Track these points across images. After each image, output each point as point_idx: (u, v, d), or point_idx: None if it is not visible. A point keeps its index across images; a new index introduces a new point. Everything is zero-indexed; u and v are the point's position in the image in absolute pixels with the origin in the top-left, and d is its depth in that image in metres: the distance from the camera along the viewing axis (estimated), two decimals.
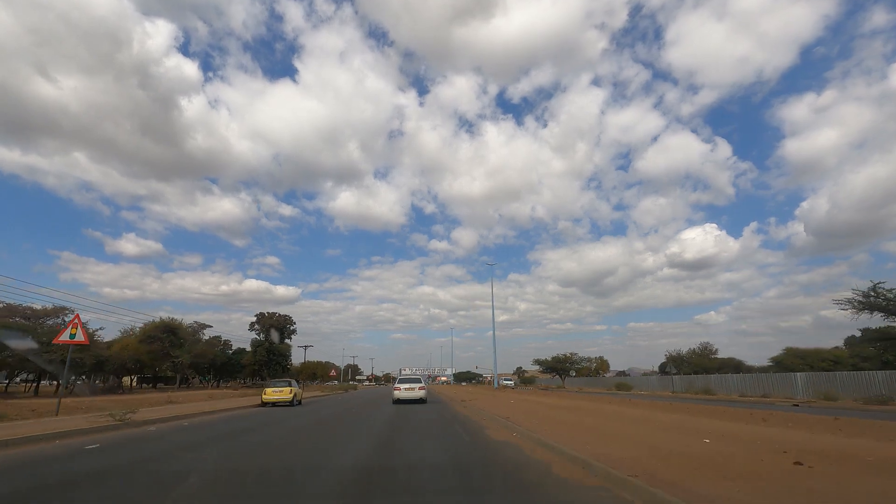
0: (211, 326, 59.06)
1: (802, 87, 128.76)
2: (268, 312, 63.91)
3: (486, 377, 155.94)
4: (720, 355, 74.71)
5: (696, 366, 69.57)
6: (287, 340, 65.05)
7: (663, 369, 74.90)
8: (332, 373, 61.55)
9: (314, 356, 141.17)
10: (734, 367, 68.58)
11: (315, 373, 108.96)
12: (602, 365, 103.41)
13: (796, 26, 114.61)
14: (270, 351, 62.27)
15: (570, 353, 67.59)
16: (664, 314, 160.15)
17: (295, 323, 65.04)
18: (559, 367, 68.28)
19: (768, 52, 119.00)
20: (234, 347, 74.87)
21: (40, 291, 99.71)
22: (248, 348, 64.19)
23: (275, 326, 62.70)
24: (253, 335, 63.80)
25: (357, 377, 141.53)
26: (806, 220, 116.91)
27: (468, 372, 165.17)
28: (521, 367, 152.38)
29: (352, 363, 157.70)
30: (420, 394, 23.72)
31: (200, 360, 55.62)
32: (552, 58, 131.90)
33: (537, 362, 69.97)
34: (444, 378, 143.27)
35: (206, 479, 6.13)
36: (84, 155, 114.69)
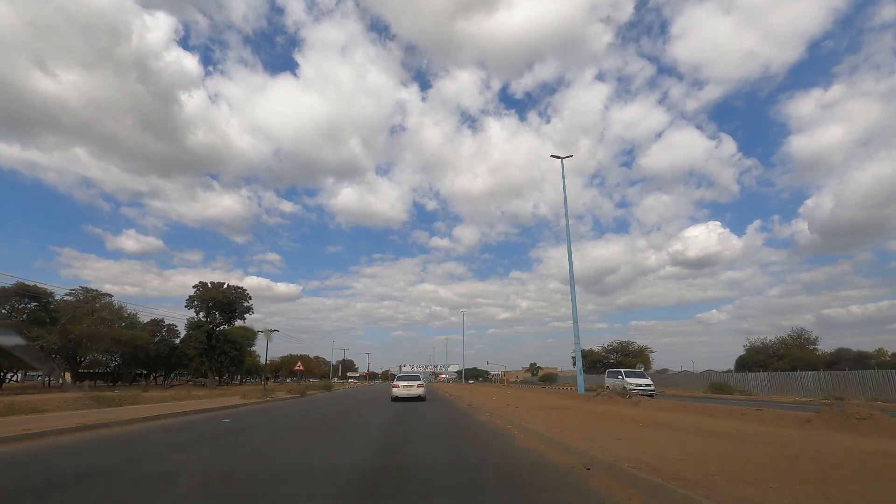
0: (111, 296, 41.16)
1: (809, 82, 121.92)
2: (211, 283, 45.99)
3: (494, 375, 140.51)
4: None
5: (794, 359, 51.90)
6: (240, 321, 47.10)
7: (742, 363, 57.11)
8: (299, 366, 43.59)
9: (307, 351, 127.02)
10: (853, 360, 51.17)
11: (309, 370, 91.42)
12: (644, 359, 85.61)
13: (804, 20, 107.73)
14: (213, 336, 44.41)
15: (627, 342, 49.95)
16: (666, 312, 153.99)
17: (251, 299, 47.13)
18: (613, 360, 50.46)
19: (775, 46, 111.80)
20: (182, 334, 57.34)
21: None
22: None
23: (219, 302, 44.71)
24: (191, 314, 45.83)
25: (349, 374, 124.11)
26: (810, 217, 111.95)
27: (475, 368, 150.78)
28: (535, 364, 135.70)
29: (345, 359, 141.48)
30: (419, 391, 22.57)
31: (95, 344, 37.75)
32: (556, 52, 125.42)
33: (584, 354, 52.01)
34: (444, 375, 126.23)
35: None
36: (84, 151, 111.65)
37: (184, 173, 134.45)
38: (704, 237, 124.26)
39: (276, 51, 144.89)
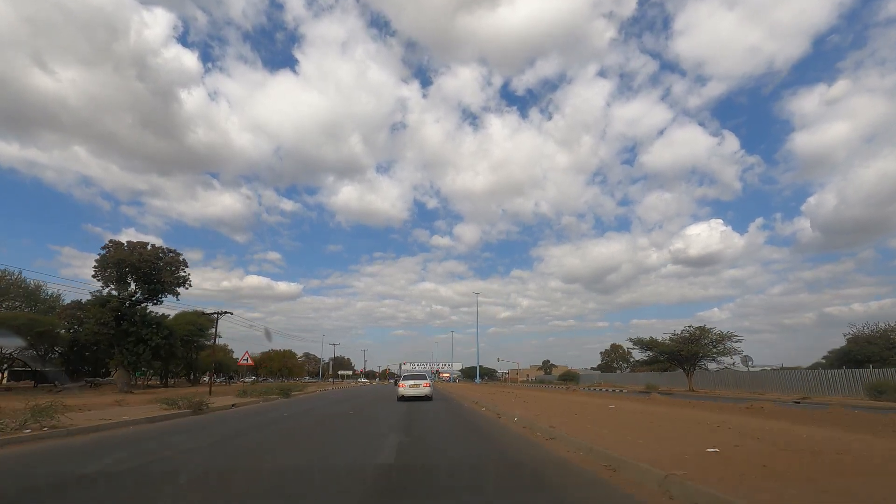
0: None
1: (814, 78, 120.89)
2: (128, 242, 32.36)
3: (503, 374, 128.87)
4: None
5: None
6: (170, 298, 33.56)
7: (846, 357, 43.56)
8: (246, 359, 30.12)
9: (307, 349, 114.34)
10: None
11: (287, 367, 76.90)
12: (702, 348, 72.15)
13: (810, 14, 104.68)
14: (124, 316, 30.87)
15: (705, 327, 36.82)
16: (666, 311, 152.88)
17: (187, 266, 33.55)
18: (686, 353, 37.16)
19: (780, 41, 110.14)
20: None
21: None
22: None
23: (136, 269, 31.11)
24: (99, 286, 32.22)
25: (341, 372, 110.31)
26: (812, 215, 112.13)
27: (481, 367, 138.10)
28: (548, 361, 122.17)
29: (336, 356, 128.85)
30: (426, 391, 21.56)
31: None
32: (559, 48, 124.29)
33: (640, 343, 38.78)
34: (446, 374, 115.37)
35: None
36: (84, 149, 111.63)
37: (184, 172, 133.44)
38: (706, 235, 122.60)
39: (276, 47, 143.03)
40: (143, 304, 32.32)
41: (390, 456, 6.86)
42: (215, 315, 33.56)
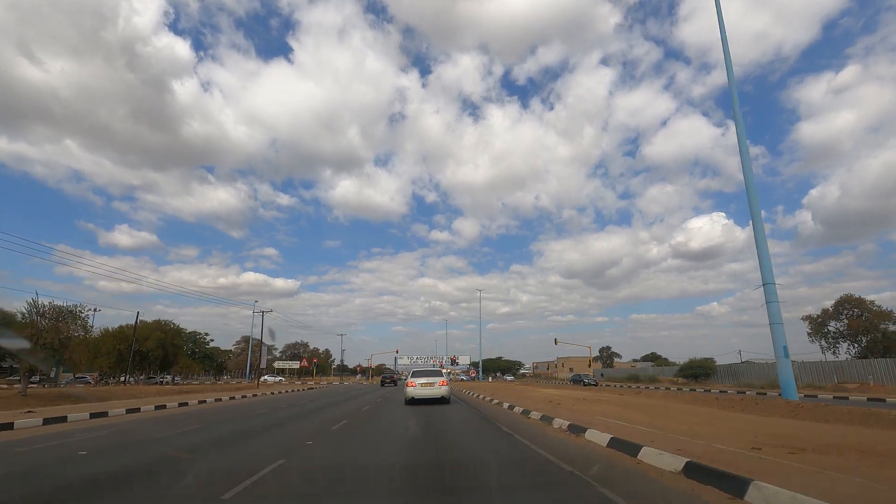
0: None
1: (822, 65, 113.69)
2: None
3: (527, 369, 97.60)
4: None
5: None
6: None
7: None
8: None
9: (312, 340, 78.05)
10: None
11: (66, 351, 37.76)
12: None
13: None
14: None
15: None
16: (666, 305, 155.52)
17: None
18: None
19: (788, 26, 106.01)
20: None
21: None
22: None
23: None
24: None
25: (276, 365, 73.39)
26: (814, 208, 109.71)
27: (499, 359, 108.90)
28: (609, 348, 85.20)
29: (301, 342, 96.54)
30: (442, 391, 18.04)
31: None
32: (562, 34, 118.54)
33: None
34: (448, 369, 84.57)
35: None
36: (75, 143, 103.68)
37: (178, 166, 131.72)
38: (708, 228, 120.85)
39: (270, 35, 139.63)
40: None
41: None
42: None
